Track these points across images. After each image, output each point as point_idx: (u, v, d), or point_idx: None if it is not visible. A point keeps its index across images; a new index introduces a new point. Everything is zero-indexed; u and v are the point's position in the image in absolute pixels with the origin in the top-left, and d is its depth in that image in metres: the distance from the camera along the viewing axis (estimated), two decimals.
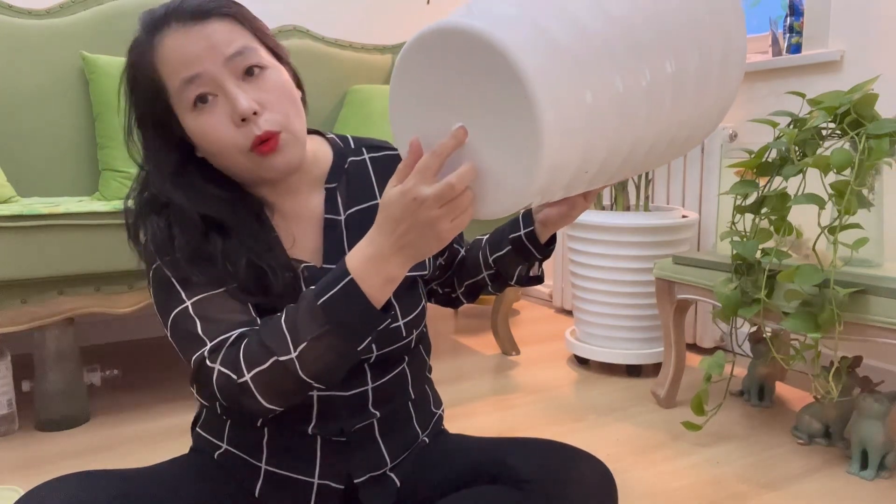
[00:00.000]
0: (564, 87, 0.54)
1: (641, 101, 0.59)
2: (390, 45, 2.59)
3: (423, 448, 0.89)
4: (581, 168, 0.59)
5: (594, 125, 0.56)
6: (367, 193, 0.87)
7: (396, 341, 0.84)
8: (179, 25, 0.72)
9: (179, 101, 0.74)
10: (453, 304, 1.04)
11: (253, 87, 0.73)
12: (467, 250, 1.00)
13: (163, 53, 0.73)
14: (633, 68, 0.58)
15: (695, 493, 1.31)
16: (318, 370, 0.69)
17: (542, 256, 0.90)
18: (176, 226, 0.75)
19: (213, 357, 0.71)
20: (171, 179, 0.76)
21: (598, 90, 0.56)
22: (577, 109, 0.55)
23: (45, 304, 1.52)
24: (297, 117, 0.77)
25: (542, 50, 0.53)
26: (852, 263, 1.37)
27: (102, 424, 1.65)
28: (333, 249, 0.83)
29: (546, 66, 0.53)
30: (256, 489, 0.82)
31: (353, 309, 0.67)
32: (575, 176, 0.59)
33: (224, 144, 0.73)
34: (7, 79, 1.88)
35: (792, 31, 1.99)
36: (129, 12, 2.07)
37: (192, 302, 0.74)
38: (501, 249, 0.92)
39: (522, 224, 0.89)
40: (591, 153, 0.58)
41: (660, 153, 0.68)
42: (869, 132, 1.22)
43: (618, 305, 1.93)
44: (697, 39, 0.64)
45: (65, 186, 1.96)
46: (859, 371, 1.77)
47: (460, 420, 1.67)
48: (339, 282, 0.67)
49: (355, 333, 0.68)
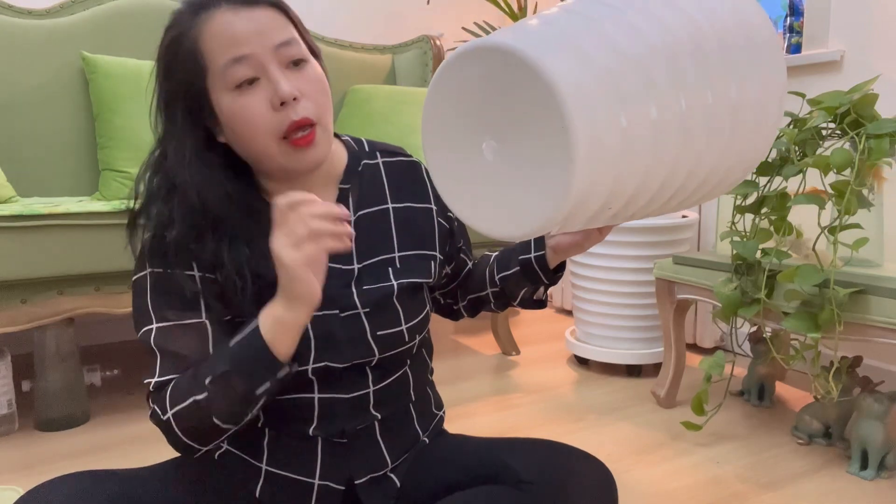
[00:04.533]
0: (602, 120, 0.53)
1: (676, 137, 0.59)
2: (390, 45, 2.59)
3: (423, 448, 0.89)
4: (606, 204, 0.58)
5: (627, 160, 0.56)
6: (378, 198, 0.86)
7: (398, 346, 0.84)
8: (229, 6, 0.73)
9: (221, 80, 0.73)
10: (453, 317, 1.03)
11: (296, 76, 0.75)
12: (475, 264, 0.99)
13: (210, 31, 0.73)
14: (670, 102, 0.58)
15: (695, 493, 1.31)
16: (224, 411, 0.71)
17: (548, 282, 0.90)
18: (177, 211, 0.75)
19: (154, 396, 0.75)
20: (188, 160, 0.75)
21: (634, 124, 0.55)
22: (611, 144, 0.54)
23: (45, 304, 1.52)
24: (329, 113, 0.78)
25: (584, 80, 0.53)
26: (852, 263, 1.37)
27: (102, 424, 1.65)
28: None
29: (586, 96, 0.52)
30: (257, 490, 0.82)
31: (251, 352, 0.69)
32: (599, 211, 0.59)
33: (258, 128, 0.73)
34: (7, 79, 1.88)
35: (792, 30, 1.99)
36: (129, 12, 2.07)
37: (158, 329, 0.76)
38: (509, 269, 0.92)
39: (534, 247, 0.89)
40: (619, 188, 0.57)
41: (687, 195, 0.68)
42: (869, 132, 1.22)
43: (618, 305, 1.93)
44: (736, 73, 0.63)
45: (65, 186, 1.96)
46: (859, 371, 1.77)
47: (460, 420, 1.67)
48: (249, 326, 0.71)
49: (251, 376, 0.69)
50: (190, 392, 0.71)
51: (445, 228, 0.91)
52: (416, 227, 0.87)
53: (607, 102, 0.54)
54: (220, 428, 0.72)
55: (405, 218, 0.87)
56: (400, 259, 0.85)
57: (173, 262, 0.76)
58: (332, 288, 0.80)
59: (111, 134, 1.88)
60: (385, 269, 0.84)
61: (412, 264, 0.86)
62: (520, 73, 0.53)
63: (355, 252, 0.83)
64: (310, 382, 0.80)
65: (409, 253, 0.86)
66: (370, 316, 0.81)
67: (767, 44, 0.66)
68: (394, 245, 0.85)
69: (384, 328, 0.82)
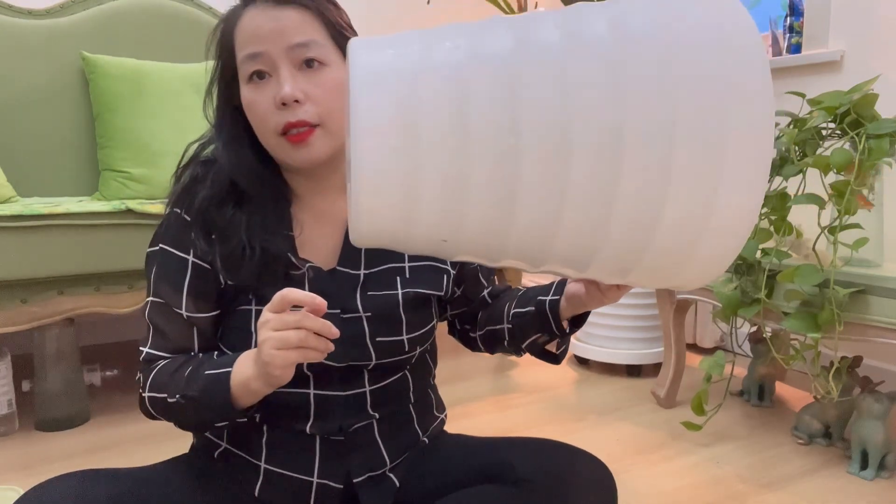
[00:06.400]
0: (392, 160, 0.52)
1: (488, 202, 0.54)
2: None
3: (423, 448, 0.89)
4: (436, 234, 0.57)
5: (422, 202, 0.54)
6: None
7: (397, 354, 0.84)
8: (263, 4, 0.77)
9: (241, 72, 0.78)
10: (471, 345, 0.98)
11: (306, 79, 0.76)
12: (500, 294, 0.96)
13: (241, 25, 0.78)
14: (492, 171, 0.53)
15: (695, 493, 1.31)
16: (186, 424, 0.80)
17: (557, 332, 0.82)
18: (210, 179, 0.80)
19: (142, 366, 0.82)
20: (224, 139, 0.82)
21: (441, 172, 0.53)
22: (395, 190, 0.53)
23: (45, 304, 1.52)
24: (337, 118, 0.78)
25: (385, 121, 0.52)
26: (852, 263, 1.37)
27: (102, 424, 1.65)
28: (350, 253, 0.83)
29: (384, 135, 0.52)
30: (256, 489, 0.82)
31: (215, 392, 0.73)
32: (429, 240, 0.57)
33: (261, 122, 0.77)
34: (7, 79, 1.88)
35: (792, 30, 1.99)
36: (129, 12, 2.07)
37: (152, 302, 0.82)
38: (525, 307, 0.86)
39: (554, 290, 0.83)
40: (443, 227, 0.56)
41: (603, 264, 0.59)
42: (869, 132, 1.22)
43: (618, 305, 1.93)
44: None
45: (65, 186, 1.96)
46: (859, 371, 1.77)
47: (460, 420, 1.67)
48: (227, 365, 0.74)
49: (211, 410, 0.74)
50: (165, 389, 0.77)
51: None
52: None
53: (409, 147, 0.53)
54: (185, 428, 0.81)
55: None
56: (410, 269, 0.85)
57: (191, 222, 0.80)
58: (335, 289, 0.80)
59: (111, 134, 1.88)
60: (393, 278, 0.84)
61: (423, 275, 0.85)
62: (349, 90, 0.54)
63: (364, 258, 0.83)
64: (306, 378, 0.80)
65: (420, 264, 0.86)
66: (371, 321, 0.81)
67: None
68: (404, 254, 0.85)
69: (384, 335, 0.82)
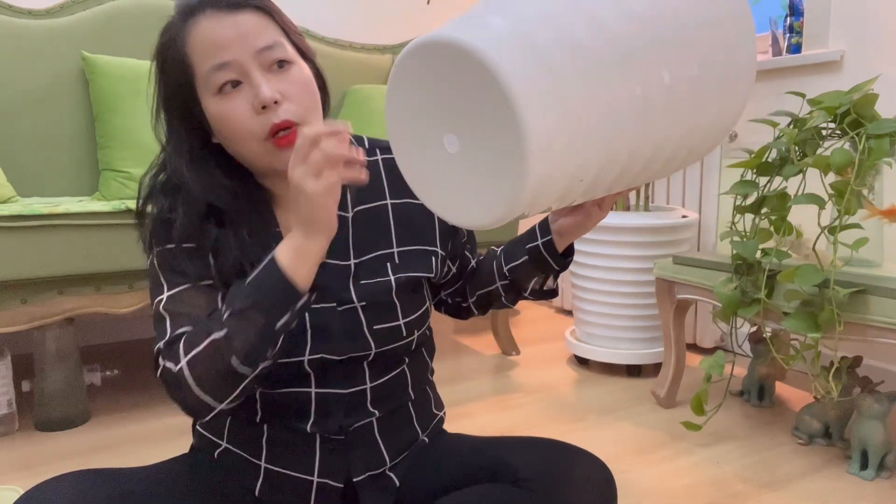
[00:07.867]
0: (553, 105, 0.54)
1: (635, 115, 0.59)
2: (390, 45, 2.59)
3: (423, 447, 0.89)
4: (572, 182, 0.58)
5: (583, 142, 0.56)
6: (376, 194, 0.87)
7: (396, 340, 0.84)
8: (213, 12, 0.75)
9: (205, 85, 0.75)
10: (462, 315, 1.02)
11: (277, 79, 0.75)
12: (481, 260, 0.99)
13: (195, 38, 0.75)
14: (624, 82, 0.58)
15: (695, 493, 1.31)
16: (244, 349, 0.68)
17: (558, 268, 0.88)
18: (181, 208, 0.77)
19: (165, 351, 0.73)
20: (186, 162, 0.78)
21: (588, 106, 0.56)
22: (565, 126, 0.55)
23: (45, 304, 1.52)
24: (315, 113, 0.78)
25: (531, 67, 0.53)
26: (852, 263, 1.37)
27: (102, 424, 1.65)
28: (338, 245, 0.83)
29: (534, 83, 0.53)
30: (256, 488, 0.82)
31: (269, 283, 0.69)
32: (567, 189, 0.59)
33: (242, 130, 0.75)
34: (7, 79, 1.88)
35: (792, 30, 1.99)
36: (129, 12, 2.08)
37: (168, 295, 0.76)
38: (517, 259, 0.90)
39: (540, 234, 0.88)
40: (581, 168, 0.58)
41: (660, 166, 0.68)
42: (869, 132, 1.22)
43: (618, 305, 1.93)
44: (695, 52, 0.63)
45: (65, 186, 1.96)
46: (859, 371, 1.77)
47: (460, 420, 1.67)
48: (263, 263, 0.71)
49: (271, 307, 0.69)
50: (208, 332, 0.69)
51: (447, 225, 0.91)
52: (415, 222, 0.87)
53: (557, 87, 0.54)
54: (237, 373, 0.69)
55: (404, 214, 0.87)
56: (399, 254, 0.85)
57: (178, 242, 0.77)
58: (328, 282, 0.81)
59: (111, 134, 1.88)
60: (383, 265, 0.84)
61: (412, 259, 0.86)
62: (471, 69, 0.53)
63: (352, 248, 0.84)
64: (307, 376, 0.80)
65: (408, 248, 0.86)
66: (367, 310, 0.82)
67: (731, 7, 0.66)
68: (392, 240, 0.86)
69: (381, 322, 0.82)
